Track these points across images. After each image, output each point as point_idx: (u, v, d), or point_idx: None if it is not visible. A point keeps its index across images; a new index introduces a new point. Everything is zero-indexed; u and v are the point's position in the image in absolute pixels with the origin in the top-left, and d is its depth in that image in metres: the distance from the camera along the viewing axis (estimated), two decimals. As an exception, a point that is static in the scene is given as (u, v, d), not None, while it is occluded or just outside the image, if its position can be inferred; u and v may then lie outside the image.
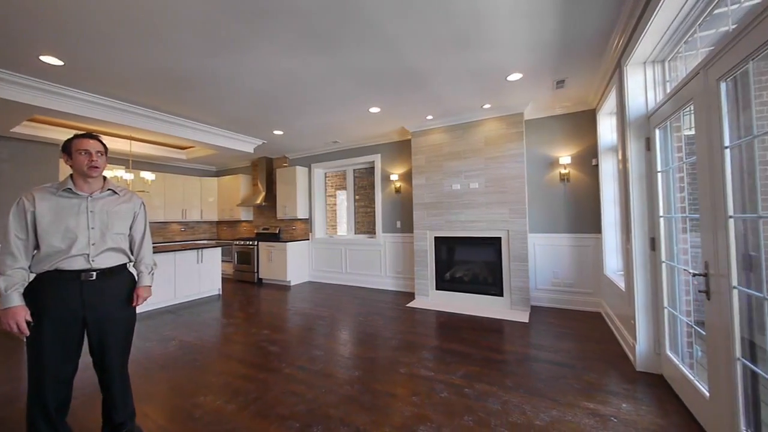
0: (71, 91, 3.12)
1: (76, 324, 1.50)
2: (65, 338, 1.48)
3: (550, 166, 4.06)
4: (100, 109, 3.43)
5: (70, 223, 1.49)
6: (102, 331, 1.56)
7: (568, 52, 2.66)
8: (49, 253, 1.45)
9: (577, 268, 3.89)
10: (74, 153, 1.51)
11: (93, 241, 1.52)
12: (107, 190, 1.63)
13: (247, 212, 6.91)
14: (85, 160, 1.52)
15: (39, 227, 1.44)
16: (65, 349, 1.48)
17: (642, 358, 2.33)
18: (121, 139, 5.01)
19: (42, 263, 1.45)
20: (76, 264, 1.48)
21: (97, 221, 1.55)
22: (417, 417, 1.88)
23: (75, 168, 1.53)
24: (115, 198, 1.65)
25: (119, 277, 1.64)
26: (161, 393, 2.20)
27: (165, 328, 3.50)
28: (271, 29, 2.26)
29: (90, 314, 1.51)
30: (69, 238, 1.47)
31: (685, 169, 2.05)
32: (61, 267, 1.46)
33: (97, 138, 1.58)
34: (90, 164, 1.52)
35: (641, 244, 2.34)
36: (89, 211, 1.54)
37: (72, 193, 1.52)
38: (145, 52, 2.51)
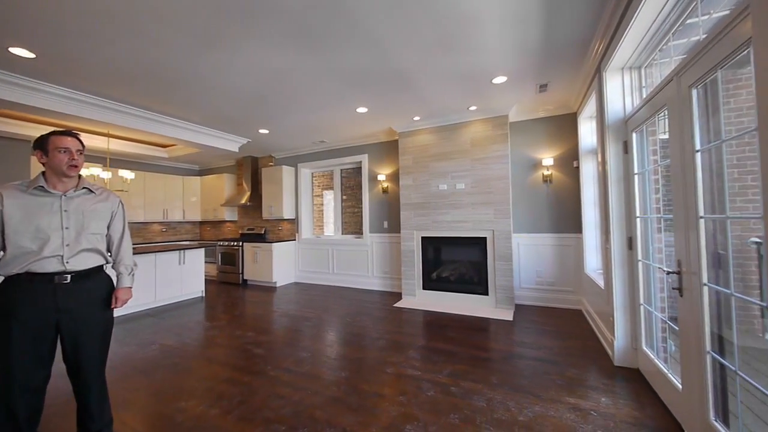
0: (43, 85, 2.98)
1: (49, 329, 1.43)
2: (36, 344, 1.40)
3: (533, 167, 4.16)
4: (75, 105, 3.29)
5: (41, 223, 1.42)
6: (77, 336, 1.48)
7: (551, 57, 2.74)
8: (17, 255, 1.38)
9: (559, 267, 3.99)
10: (52, 151, 1.44)
11: (67, 241, 1.46)
12: (82, 189, 1.56)
13: (232, 212, 6.77)
14: (65, 159, 1.46)
15: (7, 227, 1.37)
16: (36, 355, 1.41)
17: (620, 353, 2.42)
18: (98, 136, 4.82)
19: (10, 266, 1.38)
20: (50, 266, 1.42)
21: (71, 221, 1.49)
22: (404, 416, 1.89)
23: (52, 166, 1.46)
24: (91, 197, 1.59)
25: (96, 280, 1.57)
26: (141, 399, 2.13)
27: (145, 332, 3.39)
28: (257, 27, 2.22)
29: (64, 319, 1.45)
30: (40, 238, 1.41)
31: (660, 171, 2.14)
32: (32, 269, 1.39)
33: (77, 136, 1.53)
34: (70, 163, 1.47)
35: (619, 244, 2.43)
36: (63, 211, 1.47)
37: (44, 191, 1.45)
38: (124, 47, 2.42)
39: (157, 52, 2.50)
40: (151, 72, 2.83)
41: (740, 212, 2.36)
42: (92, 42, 2.35)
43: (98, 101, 3.39)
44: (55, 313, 1.43)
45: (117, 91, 3.25)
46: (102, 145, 4.92)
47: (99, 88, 3.15)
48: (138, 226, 6.28)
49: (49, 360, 1.45)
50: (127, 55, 2.55)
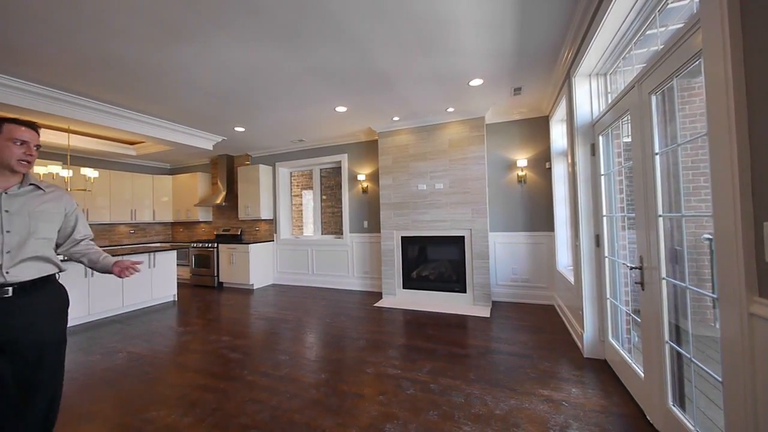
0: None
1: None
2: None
3: (508, 168, 4.29)
4: (31, 97, 3.06)
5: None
6: (23, 363, 1.22)
7: (525, 62, 2.83)
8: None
9: (533, 265, 4.14)
10: (4, 140, 1.24)
11: (8, 248, 1.23)
12: (29, 185, 1.33)
13: (206, 212, 6.53)
14: (20, 152, 1.26)
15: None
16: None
17: (589, 345, 2.55)
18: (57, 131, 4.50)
19: None
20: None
21: (15, 223, 1.26)
22: (384, 415, 1.89)
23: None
24: (38, 195, 1.36)
25: (44, 292, 1.33)
26: (105, 411, 2.01)
27: (111, 340, 3.20)
28: (231, 22, 2.15)
29: (7, 346, 1.19)
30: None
31: (623, 172, 2.27)
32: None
33: (36, 128, 1.33)
34: (24, 158, 1.28)
35: (588, 241, 2.56)
36: (3, 211, 1.25)
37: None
38: (86, 36, 2.28)
39: (123, 43, 2.37)
40: (115, 64, 2.68)
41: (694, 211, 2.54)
42: (50, 29, 2.19)
43: (57, 94, 3.17)
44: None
45: (78, 84, 3.04)
46: (61, 142, 4.60)
47: (57, 80, 2.94)
48: (103, 228, 5.92)
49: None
50: (90, 46, 2.39)
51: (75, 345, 3.06)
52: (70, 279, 3.63)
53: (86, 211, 5.40)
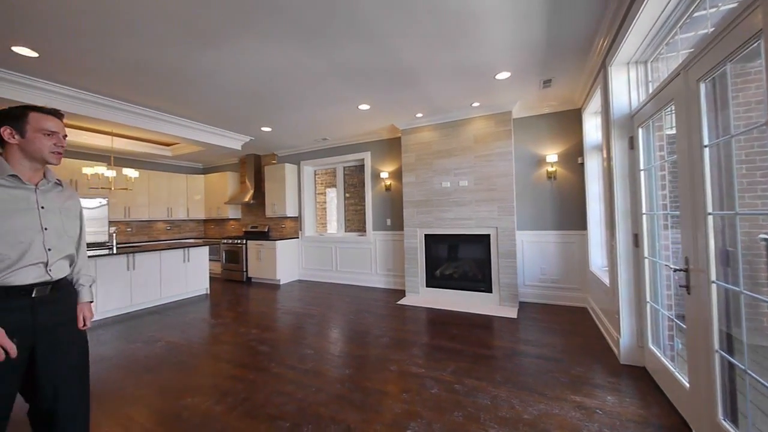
0: (46, 84, 3.00)
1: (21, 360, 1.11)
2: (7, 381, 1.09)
3: (537, 164, 4.12)
4: (79, 104, 3.31)
5: (16, 223, 1.12)
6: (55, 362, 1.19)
7: (555, 52, 2.70)
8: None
9: (564, 265, 3.97)
10: (32, 131, 1.16)
11: (48, 245, 1.19)
12: (52, 181, 1.27)
13: (235, 210, 6.80)
14: (50, 144, 1.19)
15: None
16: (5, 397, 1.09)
17: (626, 351, 2.40)
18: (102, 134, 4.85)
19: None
20: (30, 276, 1.14)
21: (51, 220, 1.21)
22: (407, 414, 1.89)
23: (28, 150, 1.16)
24: (61, 191, 1.30)
25: (66, 291, 1.28)
26: (147, 396, 2.15)
27: (150, 329, 3.42)
28: (257, 25, 2.21)
29: (42, 342, 1.15)
30: (20, 243, 1.12)
31: (666, 167, 2.11)
32: (9, 282, 1.09)
33: (61, 117, 1.26)
34: (55, 149, 1.21)
35: (625, 241, 2.41)
36: (40, 207, 1.19)
37: (17, 181, 1.15)
38: (124, 45, 2.43)
39: (159, 50, 2.50)
40: (152, 70, 2.83)
41: (749, 209, 2.33)
42: (94, 40, 2.35)
43: (101, 100, 3.40)
44: (31, 335, 1.13)
45: (120, 90, 3.26)
46: (106, 144, 4.95)
47: (101, 86, 3.16)
48: (142, 224, 6.33)
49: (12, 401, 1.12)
50: (129, 54, 2.55)
51: (119, 333, 3.30)
52: (112, 271, 3.91)
53: (128, 209, 5.79)
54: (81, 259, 1.38)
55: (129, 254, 4.09)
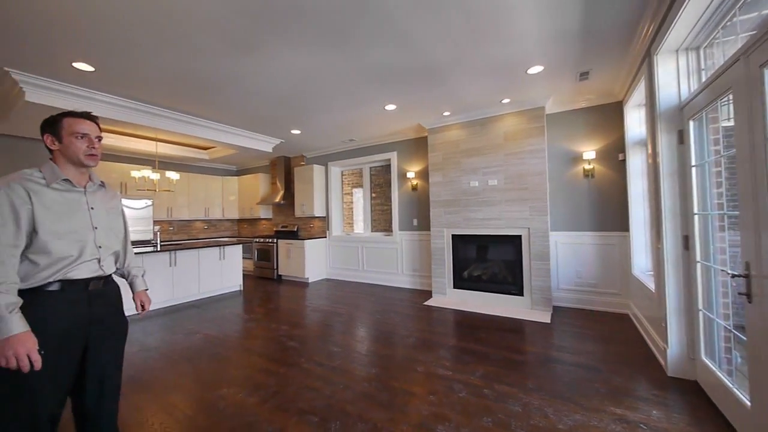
0: (101, 95, 3.28)
1: (80, 345, 1.22)
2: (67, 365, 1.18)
3: (573, 161, 3.92)
4: (128, 112, 3.59)
5: (75, 223, 1.22)
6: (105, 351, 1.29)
7: (593, 43, 2.55)
8: (54, 261, 1.16)
9: (603, 268, 3.73)
10: (67, 136, 1.22)
11: (99, 243, 1.29)
12: (97, 183, 1.36)
13: (267, 210, 7.07)
14: (83, 146, 1.24)
15: (40, 229, 1.13)
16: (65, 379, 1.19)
17: (674, 362, 2.22)
18: (148, 140, 5.23)
19: (43, 273, 1.15)
20: (86, 271, 1.23)
21: (99, 219, 1.31)
22: (435, 416, 1.86)
23: (67, 155, 1.23)
24: (105, 191, 1.39)
25: (114, 286, 1.38)
26: (187, 384, 2.28)
27: (190, 322, 3.64)
28: (287, 30, 2.28)
29: (94, 331, 1.25)
30: (79, 241, 1.22)
31: (723, 162, 1.92)
32: (69, 276, 1.19)
33: (95, 119, 1.31)
34: (89, 152, 1.25)
35: (673, 243, 2.22)
36: (90, 208, 1.29)
37: (69, 185, 1.24)
38: (167, 56, 2.60)
39: (197, 59, 2.65)
40: (192, 78, 3.01)
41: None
42: (141, 54, 2.54)
43: (147, 108, 3.67)
44: (87, 325, 1.24)
45: (163, 98, 3.49)
46: (151, 149, 5.33)
47: (147, 95, 3.40)
48: (183, 223, 6.75)
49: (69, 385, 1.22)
50: (171, 64, 2.73)
51: (162, 325, 3.54)
52: (156, 267, 4.21)
53: (170, 209, 6.19)
54: (129, 253, 1.49)
55: (171, 251, 4.37)
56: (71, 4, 1.96)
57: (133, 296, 1.50)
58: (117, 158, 5.63)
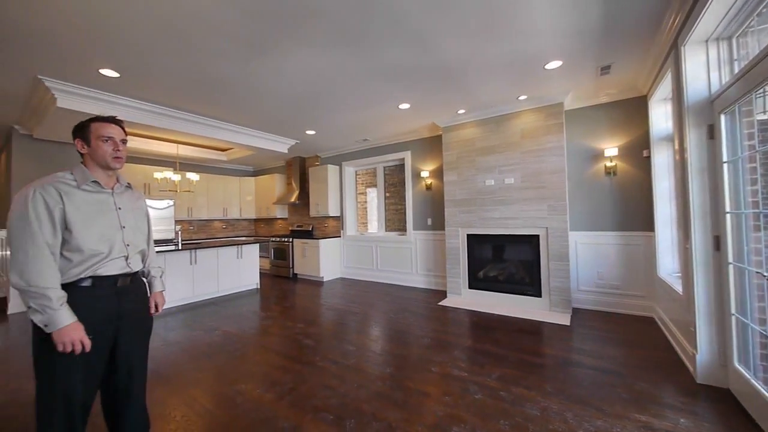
0: (126, 100, 3.42)
1: (110, 338, 1.30)
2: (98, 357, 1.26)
3: (593, 158, 3.79)
4: (150, 116, 3.72)
5: (104, 223, 1.30)
6: (133, 344, 1.38)
7: (615, 35, 2.45)
8: (85, 258, 1.24)
9: (626, 269, 3.60)
10: (94, 140, 1.29)
11: (127, 241, 1.36)
12: (124, 185, 1.44)
13: (282, 210, 7.18)
14: (109, 149, 1.30)
15: (73, 228, 1.20)
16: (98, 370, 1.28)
17: (704, 369, 2.11)
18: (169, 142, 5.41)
19: (76, 270, 1.22)
20: (115, 268, 1.31)
21: (127, 219, 1.38)
22: (450, 417, 1.84)
23: (94, 158, 1.30)
24: (131, 193, 1.47)
25: (141, 282, 1.48)
26: (207, 379, 2.35)
27: (209, 319, 3.74)
28: (299, 31, 2.30)
29: (123, 325, 1.34)
30: (107, 239, 1.29)
31: (758, 158, 1.81)
32: (99, 273, 1.26)
33: (120, 123, 1.37)
34: (115, 154, 1.32)
35: (702, 243, 2.11)
36: (117, 208, 1.36)
37: (98, 186, 1.31)
38: (187, 61, 2.68)
39: (215, 63, 2.72)
40: (210, 81, 3.09)
41: None
42: (162, 58, 2.63)
43: (169, 111, 3.80)
44: (116, 319, 1.31)
45: (183, 102, 3.60)
46: (172, 151, 5.52)
47: (168, 99, 3.52)
48: (203, 223, 6.95)
49: (101, 373, 1.30)
50: (191, 68, 2.81)
51: (183, 321, 3.66)
52: (177, 265, 4.35)
53: (190, 209, 6.39)
54: (151, 253, 1.56)
55: (192, 250, 4.51)
56: (98, 14, 2.05)
57: (149, 296, 1.54)
58: (140, 160, 5.85)
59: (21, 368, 2.53)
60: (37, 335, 1.19)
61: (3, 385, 2.27)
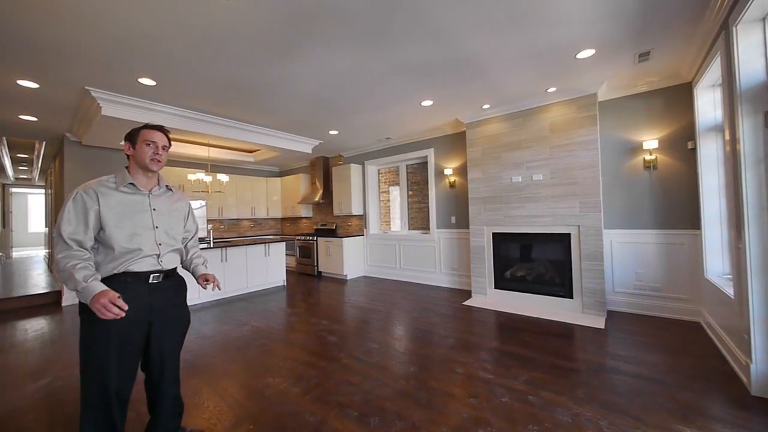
0: (162, 106, 3.62)
1: (143, 332, 1.39)
2: (133, 348, 1.36)
3: (630, 152, 3.55)
4: (184, 121, 3.92)
5: (136, 222, 1.39)
6: (164, 338, 1.46)
7: (655, 18, 2.28)
8: (118, 255, 1.33)
9: (668, 270, 3.35)
10: (140, 143, 1.41)
11: (159, 240, 1.44)
12: (164, 187, 1.53)
13: (307, 209, 7.34)
14: (149, 152, 1.40)
15: (106, 226, 1.31)
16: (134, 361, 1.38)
17: (759, 380, 1.92)
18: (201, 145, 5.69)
19: (110, 265, 1.32)
20: (146, 265, 1.38)
21: (160, 220, 1.46)
22: (475, 419, 1.80)
23: (136, 159, 1.42)
24: (170, 195, 1.56)
25: (176, 280, 1.54)
26: (237, 372, 2.45)
27: (239, 314, 3.90)
28: (322, 33, 2.33)
29: (156, 319, 1.41)
30: (138, 236, 1.37)
31: (827, 147, 1.62)
32: (131, 269, 1.35)
33: (166, 132, 1.48)
34: (153, 157, 1.41)
35: (757, 243, 1.92)
36: (152, 209, 1.45)
37: (135, 188, 1.42)
38: (217, 67, 2.79)
39: (243, 67, 2.82)
40: (238, 86, 3.21)
41: None
42: (194, 66, 2.76)
43: (201, 116, 3.99)
44: (149, 314, 1.39)
45: (214, 106, 3.77)
46: (204, 154, 5.79)
47: (200, 104, 3.69)
48: (232, 222, 7.25)
49: (137, 366, 1.41)
50: (220, 74, 2.93)
51: (216, 316, 3.84)
52: (210, 262, 4.56)
53: (221, 209, 6.68)
54: (195, 247, 1.71)
55: (223, 248, 4.72)
56: (137, 27, 2.18)
57: (197, 279, 1.62)
58: (175, 163, 6.20)
59: (73, 356, 2.76)
60: (82, 327, 1.32)
61: (58, 372, 2.49)
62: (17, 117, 3.84)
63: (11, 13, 2.02)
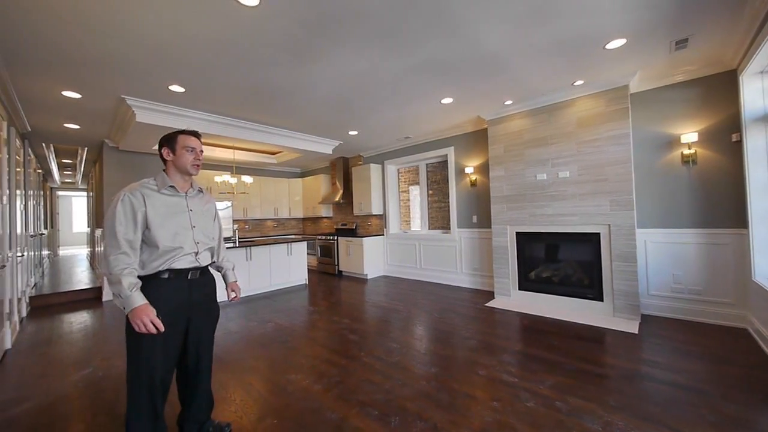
0: (190, 111, 3.79)
1: (183, 325, 1.49)
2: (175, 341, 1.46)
3: (667, 146, 3.34)
4: (211, 125, 4.09)
5: (177, 222, 1.48)
6: (201, 330, 1.56)
7: (694, 3, 2.13)
8: (162, 253, 1.41)
9: (709, 272, 3.12)
10: (180, 149, 1.50)
11: (197, 239, 1.52)
12: (196, 189, 1.62)
13: (328, 209, 7.44)
14: (191, 158, 1.51)
15: (152, 227, 1.39)
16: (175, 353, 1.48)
17: (818, 393, 1.75)
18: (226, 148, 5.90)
19: (155, 263, 1.41)
20: (186, 262, 1.48)
21: (197, 220, 1.55)
22: (499, 424, 1.75)
23: (177, 164, 1.51)
24: (202, 197, 1.64)
25: (209, 276, 1.64)
26: (261, 367, 2.52)
27: (263, 311, 4.01)
28: (340, 35, 2.34)
29: (194, 313, 1.52)
30: (179, 236, 1.46)
31: None
32: (174, 266, 1.44)
33: (199, 137, 1.59)
34: (194, 162, 1.52)
35: (816, 242, 1.74)
36: (189, 210, 1.54)
37: (174, 191, 1.51)
38: (241, 72, 2.88)
39: (266, 72, 2.89)
40: (261, 90, 3.30)
41: None
42: (220, 72, 2.86)
43: (226, 120, 4.14)
44: (188, 308, 1.49)
45: (238, 110, 3.90)
46: (229, 156, 6.00)
47: (226, 109, 3.83)
48: (256, 222, 7.48)
49: (178, 354, 1.51)
50: (244, 79, 3.02)
51: (241, 313, 3.97)
52: (236, 261, 4.71)
53: (245, 210, 6.90)
54: (222, 250, 1.77)
55: (247, 247, 4.88)
56: (166, 37, 2.29)
57: (226, 287, 1.78)
58: (202, 165, 6.47)
59: (113, 348, 2.94)
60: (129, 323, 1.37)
61: (98, 363, 2.66)
62: (62, 125, 4.14)
63: (55, 33, 2.19)
